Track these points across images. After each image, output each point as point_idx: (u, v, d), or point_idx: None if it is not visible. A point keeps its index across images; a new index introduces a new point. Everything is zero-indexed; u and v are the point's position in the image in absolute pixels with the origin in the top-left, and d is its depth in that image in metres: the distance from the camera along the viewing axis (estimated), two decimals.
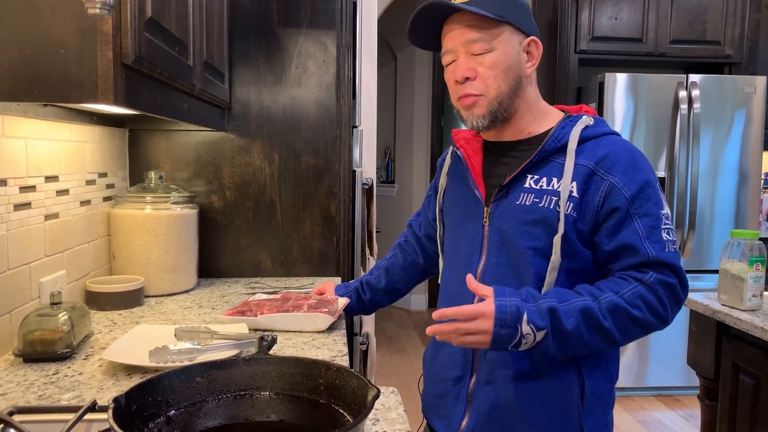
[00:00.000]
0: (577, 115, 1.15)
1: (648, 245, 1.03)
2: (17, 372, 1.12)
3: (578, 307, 1.01)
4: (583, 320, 1.00)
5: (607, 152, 1.07)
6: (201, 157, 1.98)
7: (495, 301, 1.00)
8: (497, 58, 1.08)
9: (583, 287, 1.05)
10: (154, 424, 0.77)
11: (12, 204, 1.26)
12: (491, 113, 1.10)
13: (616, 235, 1.05)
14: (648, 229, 1.04)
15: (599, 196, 1.05)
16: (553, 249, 1.06)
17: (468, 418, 1.14)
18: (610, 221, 1.05)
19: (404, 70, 5.58)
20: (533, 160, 1.09)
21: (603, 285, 1.05)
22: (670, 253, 1.04)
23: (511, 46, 1.09)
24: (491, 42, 1.08)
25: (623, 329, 1.02)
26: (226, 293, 1.79)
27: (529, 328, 0.99)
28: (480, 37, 1.08)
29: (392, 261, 1.47)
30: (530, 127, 1.15)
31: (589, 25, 3.58)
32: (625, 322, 1.02)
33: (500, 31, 1.08)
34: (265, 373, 0.86)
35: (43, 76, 0.93)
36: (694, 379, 1.97)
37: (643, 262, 1.03)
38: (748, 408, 1.71)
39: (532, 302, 1.01)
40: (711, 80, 3.47)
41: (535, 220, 1.07)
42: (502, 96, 1.10)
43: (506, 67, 1.09)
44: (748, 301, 1.72)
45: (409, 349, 4.46)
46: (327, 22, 1.99)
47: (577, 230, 1.06)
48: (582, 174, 1.06)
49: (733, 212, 3.52)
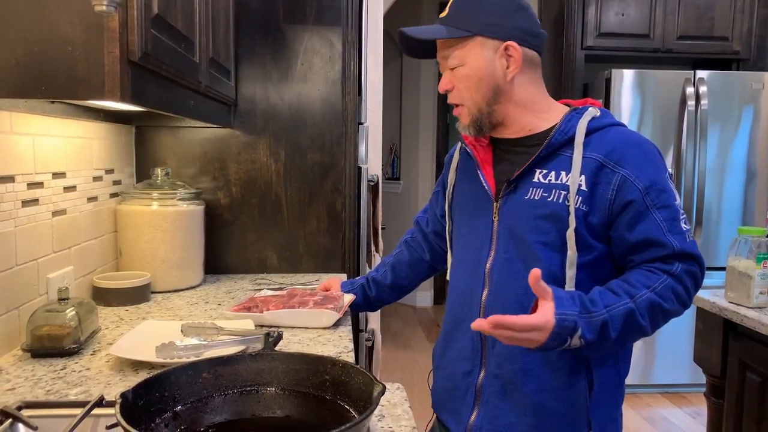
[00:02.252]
0: (583, 107, 1.14)
1: (671, 238, 1.04)
2: (25, 367, 1.13)
3: (621, 312, 1.01)
4: (625, 326, 1.02)
5: (616, 144, 1.07)
6: (207, 153, 1.98)
7: (556, 315, 0.97)
8: (467, 71, 1.12)
9: (618, 285, 1.05)
10: (161, 419, 0.77)
11: (20, 200, 1.27)
12: (474, 122, 1.14)
13: (635, 228, 1.05)
14: (669, 221, 1.05)
15: (611, 189, 1.05)
16: (568, 244, 1.06)
17: (477, 412, 1.14)
18: (627, 215, 1.05)
19: (410, 67, 5.57)
20: (541, 155, 1.09)
21: (634, 280, 1.05)
22: (691, 242, 1.06)
23: (482, 57, 1.11)
24: (461, 57, 1.12)
25: (656, 322, 1.05)
26: (232, 289, 1.79)
27: (579, 341, 0.99)
28: (450, 53, 1.12)
29: (398, 258, 1.47)
30: (531, 125, 1.15)
31: (596, 21, 3.56)
32: (658, 315, 1.05)
33: (470, 45, 1.11)
34: (271, 369, 0.87)
35: (51, 73, 0.94)
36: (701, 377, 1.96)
37: (669, 255, 1.05)
38: (754, 406, 1.70)
39: (585, 315, 1.00)
40: (719, 76, 3.44)
41: (544, 214, 1.08)
42: (479, 105, 1.13)
43: (477, 79, 1.11)
44: (756, 299, 1.71)
45: (415, 346, 4.46)
46: (333, 19, 1.99)
47: (588, 224, 1.06)
48: (591, 167, 1.06)
49: (740, 209, 3.50)
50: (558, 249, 1.07)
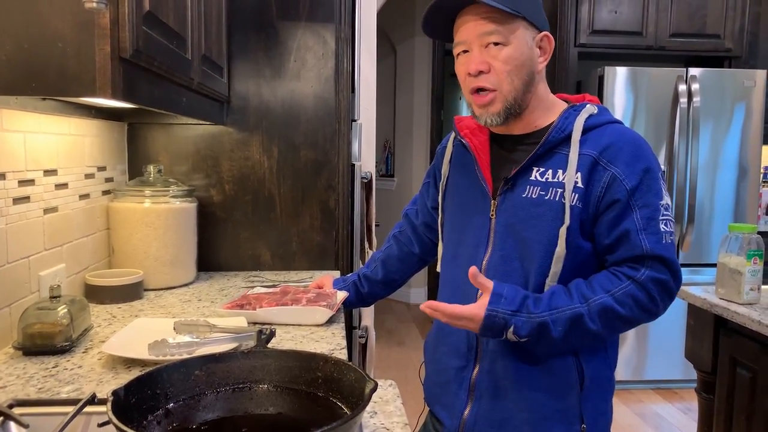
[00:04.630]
0: (581, 104, 1.14)
1: (643, 237, 1.04)
2: (17, 365, 1.12)
3: (568, 315, 1.03)
4: (570, 328, 1.04)
5: (611, 142, 1.08)
6: (200, 150, 1.98)
7: (486, 310, 1.03)
8: (512, 53, 1.07)
9: (576, 287, 1.06)
10: (153, 416, 0.77)
11: (11, 198, 1.26)
12: (506, 110, 1.10)
13: (616, 227, 1.06)
14: (645, 220, 1.05)
15: (601, 186, 1.06)
16: (559, 240, 1.06)
17: (470, 406, 1.15)
18: (610, 214, 1.06)
19: (404, 64, 5.56)
20: (538, 153, 1.10)
21: (596, 282, 1.06)
22: (665, 244, 1.05)
23: (525, 42, 1.08)
24: (507, 36, 1.07)
25: (610, 327, 1.06)
26: (225, 287, 1.79)
27: (514, 336, 1.05)
28: (495, 29, 1.06)
29: (388, 252, 1.47)
30: (538, 121, 1.15)
31: (589, 19, 3.57)
32: (613, 321, 1.05)
33: (515, 26, 1.07)
34: (263, 366, 0.87)
35: (41, 70, 0.93)
36: (692, 373, 1.97)
37: (638, 256, 1.05)
38: (745, 401, 1.71)
39: (523, 314, 1.03)
40: (711, 74, 3.46)
41: (541, 213, 1.08)
42: (516, 92, 1.09)
43: (520, 63, 1.08)
44: (746, 295, 1.73)
45: (409, 342, 4.47)
46: (326, 15, 1.98)
47: (580, 221, 1.07)
48: (586, 164, 1.07)
49: (732, 206, 3.52)
50: (554, 247, 1.07)
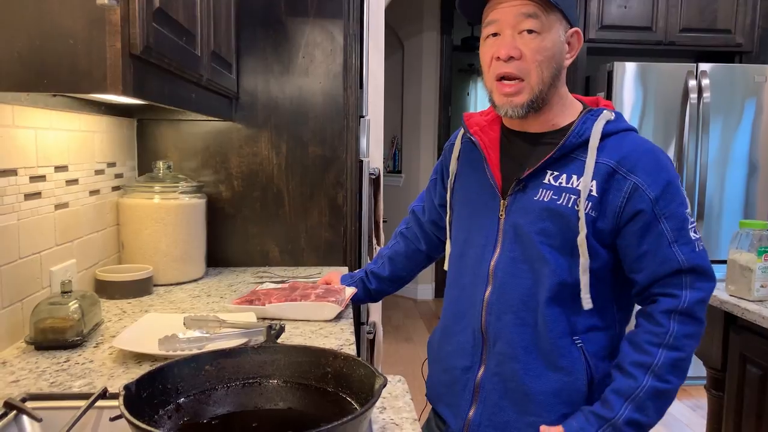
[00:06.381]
0: (598, 109, 1.12)
1: (677, 249, 1.03)
2: (29, 359, 1.13)
3: (644, 397, 1.03)
4: (656, 403, 1.04)
5: (629, 150, 1.06)
6: (209, 146, 1.98)
7: None
8: (545, 43, 1.05)
9: (629, 361, 1.05)
10: (164, 411, 0.78)
11: (22, 194, 1.27)
12: (530, 102, 1.07)
13: (643, 239, 1.04)
14: (676, 231, 1.03)
15: (622, 196, 1.04)
16: (580, 250, 1.05)
17: (475, 407, 1.14)
18: (635, 225, 1.04)
19: (411, 60, 5.55)
20: (554, 156, 1.07)
21: (643, 341, 1.04)
22: (699, 252, 1.04)
23: (558, 34, 1.07)
24: (543, 25, 1.04)
25: (682, 375, 1.05)
26: (234, 282, 1.80)
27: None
28: (535, 13, 1.03)
29: (395, 249, 1.47)
30: (556, 119, 1.12)
31: (598, 14, 3.55)
32: (683, 368, 1.05)
33: (553, 17, 1.05)
34: (273, 362, 0.87)
35: (53, 67, 0.94)
36: (702, 370, 1.96)
37: (675, 270, 1.03)
38: (755, 399, 1.70)
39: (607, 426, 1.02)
40: (721, 69, 3.43)
41: (552, 217, 1.06)
42: (543, 85, 1.07)
43: (551, 55, 1.06)
44: (756, 292, 1.72)
45: (416, 338, 4.47)
46: (334, 11, 1.98)
47: (595, 229, 1.05)
48: (603, 172, 1.05)
49: (742, 202, 3.50)
50: (565, 253, 1.06)
